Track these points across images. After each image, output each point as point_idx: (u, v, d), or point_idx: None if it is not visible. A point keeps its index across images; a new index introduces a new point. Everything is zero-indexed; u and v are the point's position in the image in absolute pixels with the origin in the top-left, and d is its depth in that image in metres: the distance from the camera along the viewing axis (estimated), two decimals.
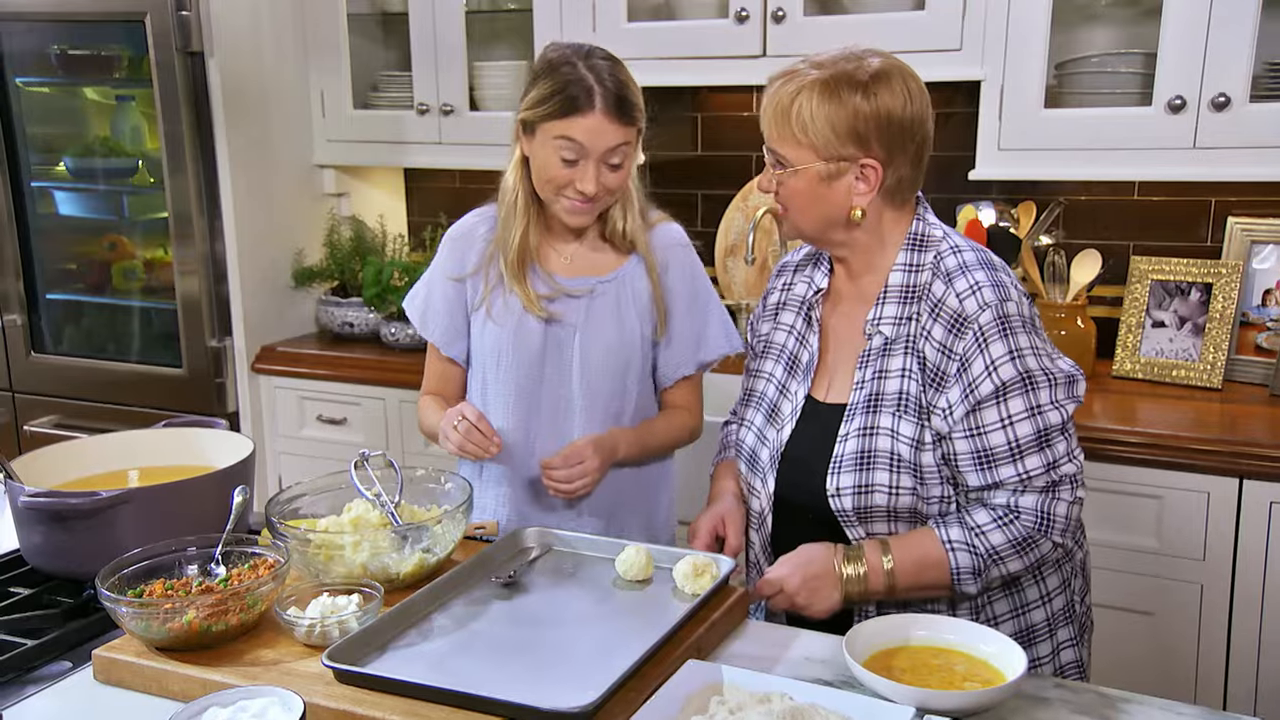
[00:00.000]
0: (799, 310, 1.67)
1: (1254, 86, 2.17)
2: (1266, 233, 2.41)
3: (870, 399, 1.53)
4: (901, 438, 1.50)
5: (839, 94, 1.45)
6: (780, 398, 1.64)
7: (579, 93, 1.69)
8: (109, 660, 1.34)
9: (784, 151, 1.50)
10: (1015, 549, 1.48)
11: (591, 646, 1.33)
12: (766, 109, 1.51)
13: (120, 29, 2.91)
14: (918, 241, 1.55)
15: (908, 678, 1.25)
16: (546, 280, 1.82)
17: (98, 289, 3.23)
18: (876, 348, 1.54)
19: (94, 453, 1.77)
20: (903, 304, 1.53)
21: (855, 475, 1.51)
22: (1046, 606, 1.57)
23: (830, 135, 1.46)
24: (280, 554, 1.44)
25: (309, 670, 1.29)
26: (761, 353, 1.71)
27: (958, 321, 1.48)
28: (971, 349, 1.46)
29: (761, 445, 1.63)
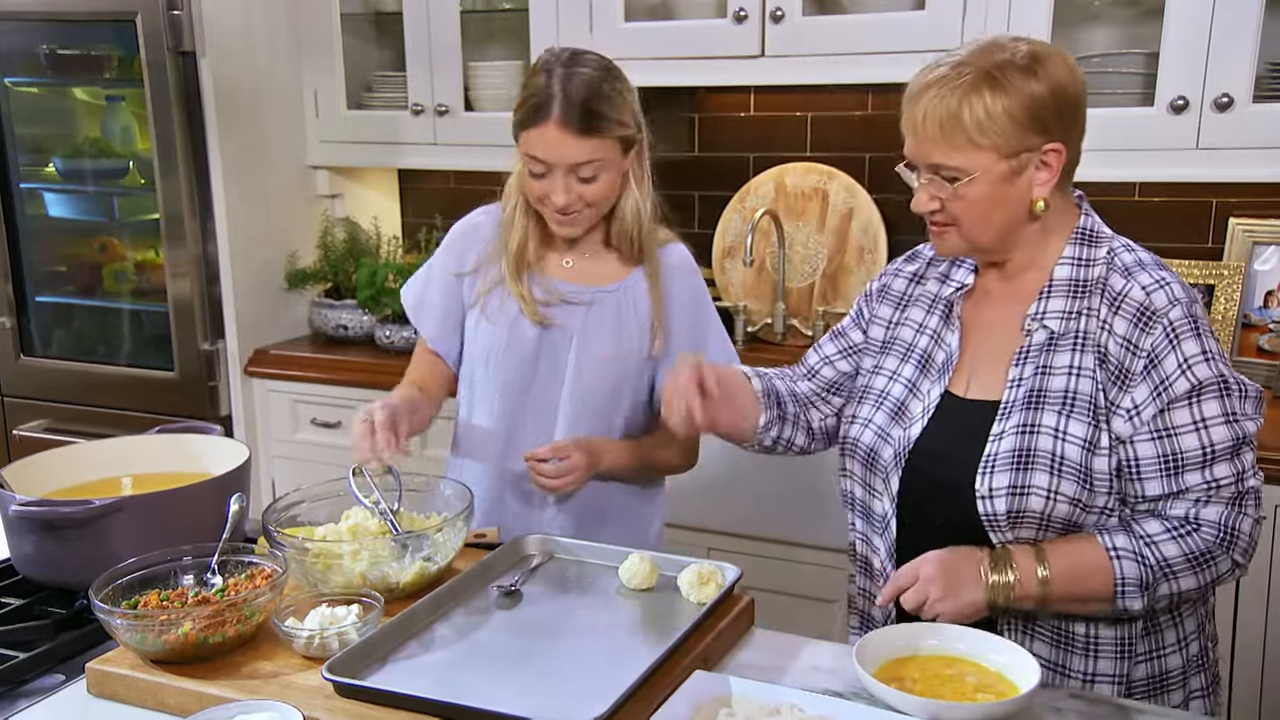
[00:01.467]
0: (931, 308, 1.56)
1: (1257, 87, 2.16)
2: (1268, 234, 2.40)
3: (1031, 396, 1.41)
4: (1071, 438, 1.38)
5: (1010, 82, 1.34)
6: (909, 397, 1.52)
7: (538, 104, 1.64)
8: (103, 673, 1.31)
9: (956, 162, 1.36)
10: (1191, 564, 1.35)
11: (597, 657, 1.31)
12: (924, 122, 1.36)
13: (110, 29, 2.87)
14: (1087, 236, 1.45)
15: (919, 689, 1.22)
16: (545, 286, 1.78)
17: (88, 291, 3.20)
18: (1039, 343, 1.43)
19: (86, 459, 1.74)
20: (1071, 298, 1.42)
21: (1011, 475, 1.38)
22: (1183, 652, 1.45)
23: (1011, 128, 1.34)
24: (278, 563, 1.42)
25: (308, 683, 1.26)
26: (884, 348, 1.59)
27: (1144, 315, 1.37)
28: (1162, 344, 1.36)
29: (884, 443, 1.51)
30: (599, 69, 1.68)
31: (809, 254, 2.83)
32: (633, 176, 1.74)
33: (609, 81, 1.67)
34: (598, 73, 1.67)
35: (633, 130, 1.70)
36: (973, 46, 1.39)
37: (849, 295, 2.79)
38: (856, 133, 2.81)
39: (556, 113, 1.62)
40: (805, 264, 2.83)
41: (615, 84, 1.68)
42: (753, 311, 2.88)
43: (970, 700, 1.20)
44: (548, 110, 1.63)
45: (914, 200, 1.43)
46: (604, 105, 1.64)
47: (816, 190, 2.81)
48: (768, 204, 2.81)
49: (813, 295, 2.83)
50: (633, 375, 1.79)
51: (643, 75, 2.68)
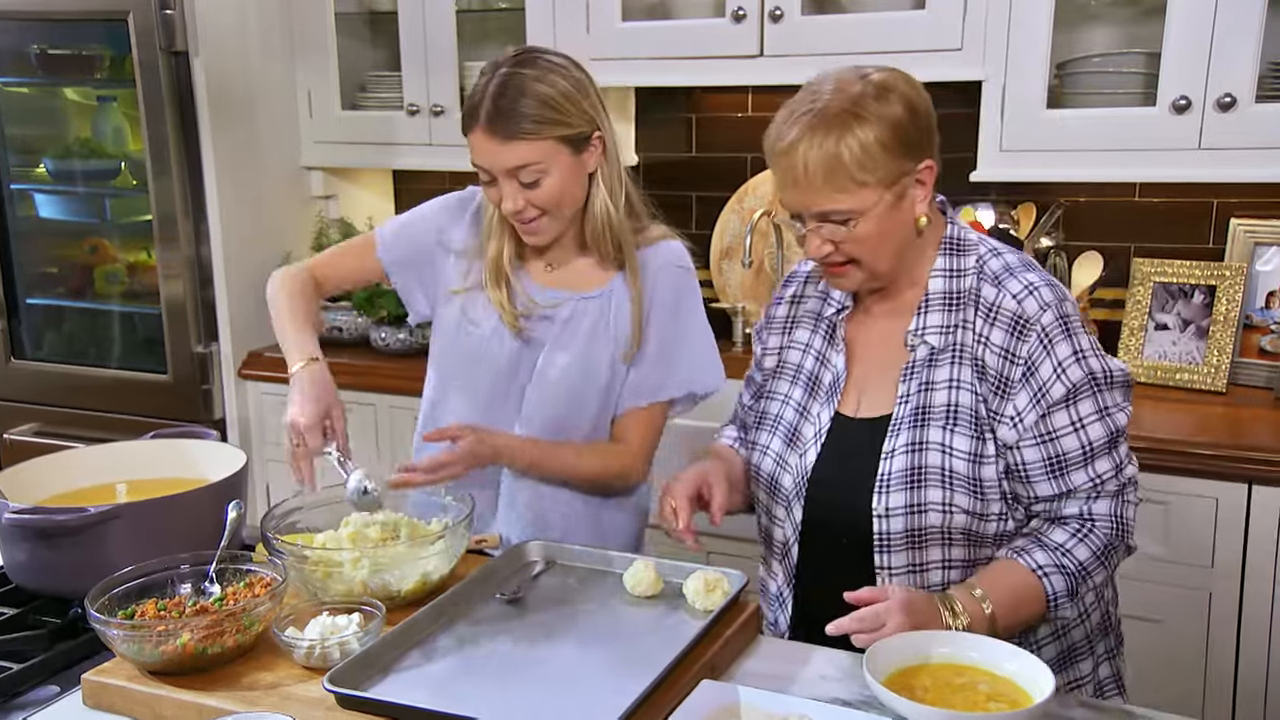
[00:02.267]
0: (815, 328, 1.58)
1: (1260, 86, 2.15)
2: (1270, 234, 2.39)
3: (916, 413, 1.44)
4: (956, 452, 1.42)
5: (871, 113, 1.36)
6: (801, 420, 1.54)
7: (470, 108, 1.60)
8: (99, 685, 1.29)
9: (846, 205, 1.37)
10: (1099, 560, 1.41)
11: (602, 667, 1.29)
12: (806, 173, 1.36)
13: (102, 28, 2.84)
14: (955, 245, 1.48)
15: (930, 698, 1.21)
16: (526, 296, 1.73)
17: (79, 293, 3.17)
18: (921, 359, 1.46)
19: (80, 465, 1.72)
20: (947, 311, 1.46)
21: (905, 494, 1.42)
22: (1085, 623, 1.50)
23: (886, 158, 1.36)
24: (277, 571, 1.39)
25: (309, 694, 1.24)
26: (775, 373, 1.62)
27: (1018, 323, 1.41)
28: (1037, 351, 1.40)
29: (783, 471, 1.53)
30: (545, 67, 1.60)
31: None
32: (600, 176, 1.67)
33: (550, 81, 1.59)
34: (540, 72, 1.59)
35: (582, 129, 1.62)
36: (819, 91, 1.40)
37: None
38: None
39: (482, 118, 1.58)
40: None
41: (559, 83, 1.59)
42: (751, 313, 2.87)
43: (983, 710, 1.19)
44: (477, 115, 1.59)
45: (806, 249, 1.43)
46: (534, 107, 1.57)
47: None
48: (766, 204, 2.79)
49: None
50: (601, 384, 1.72)
51: (640, 75, 2.70)
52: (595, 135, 1.65)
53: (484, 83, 1.60)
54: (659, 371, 1.73)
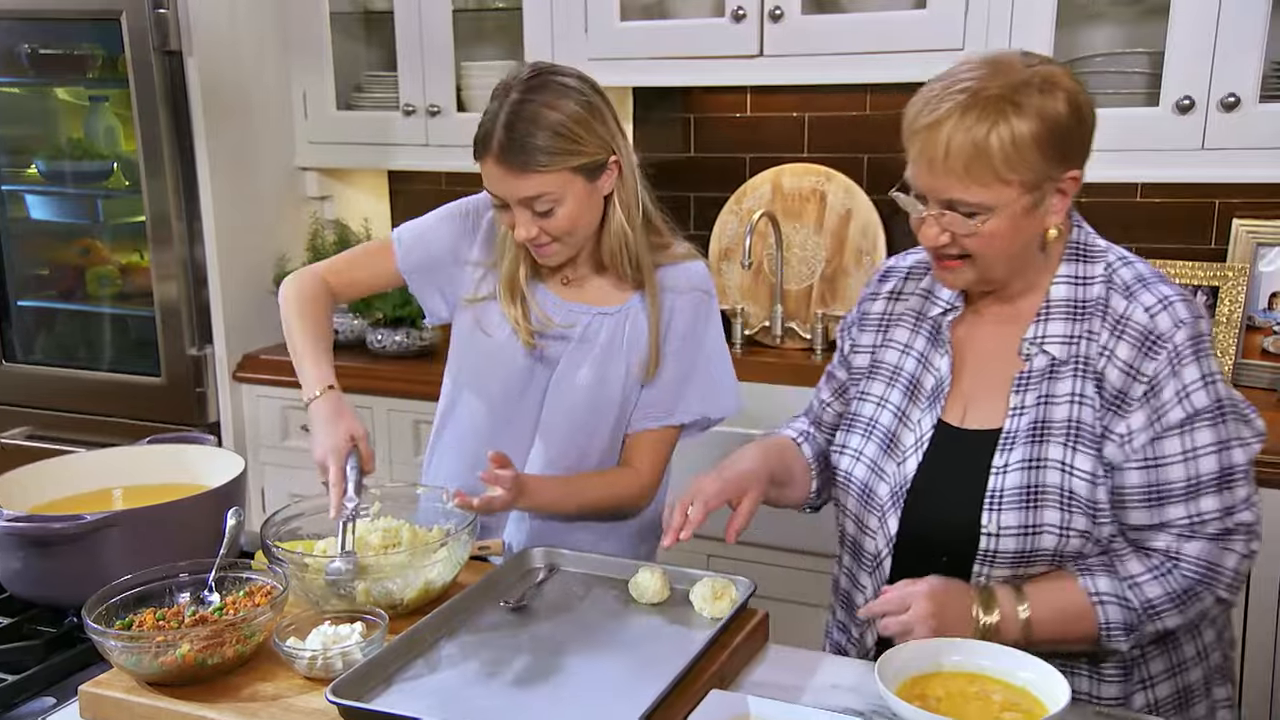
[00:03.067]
0: (916, 328, 1.48)
1: (1264, 86, 2.14)
2: (1273, 235, 2.38)
3: (1034, 427, 1.34)
4: (1079, 472, 1.32)
5: (1032, 105, 1.25)
6: (899, 426, 1.45)
7: (482, 135, 1.56)
8: (96, 696, 1.26)
9: (979, 198, 1.27)
10: (1174, 603, 1.31)
11: (610, 676, 1.27)
12: (946, 157, 1.26)
13: (94, 28, 2.81)
14: (1082, 251, 1.38)
15: (944, 707, 1.19)
16: (539, 314, 1.69)
17: (71, 295, 3.14)
18: (1039, 369, 1.36)
19: (75, 471, 1.69)
20: (1070, 321, 1.35)
21: (1020, 514, 1.32)
22: (1204, 664, 1.41)
23: (1038, 158, 1.26)
24: (278, 580, 1.37)
25: (311, 706, 1.22)
26: (867, 373, 1.52)
27: (1148, 340, 1.31)
28: (1164, 370, 1.30)
29: (878, 479, 1.44)
30: (559, 92, 1.55)
31: (807, 256, 2.80)
32: (617, 198, 1.62)
33: (564, 109, 1.53)
34: (554, 99, 1.53)
35: (598, 156, 1.57)
36: (977, 68, 1.30)
37: (847, 297, 2.76)
38: (854, 133, 2.78)
39: (494, 148, 1.53)
40: (803, 266, 2.80)
41: (573, 110, 1.54)
42: (750, 314, 2.85)
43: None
44: (488, 144, 1.54)
45: (921, 232, 1.34)
46: (547, 139, 1.52)
47: (814, 191, 2.78)
48: (764, 205, 2.78)
49: (811, 298, 2.80)
50: (617, 402, 1.68)
51: (638, 75, 2.68)
52: (611, 160, 1.60)
53: (495, 109, 1.55)
54: (673, 394, 1.69)
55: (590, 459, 1.71)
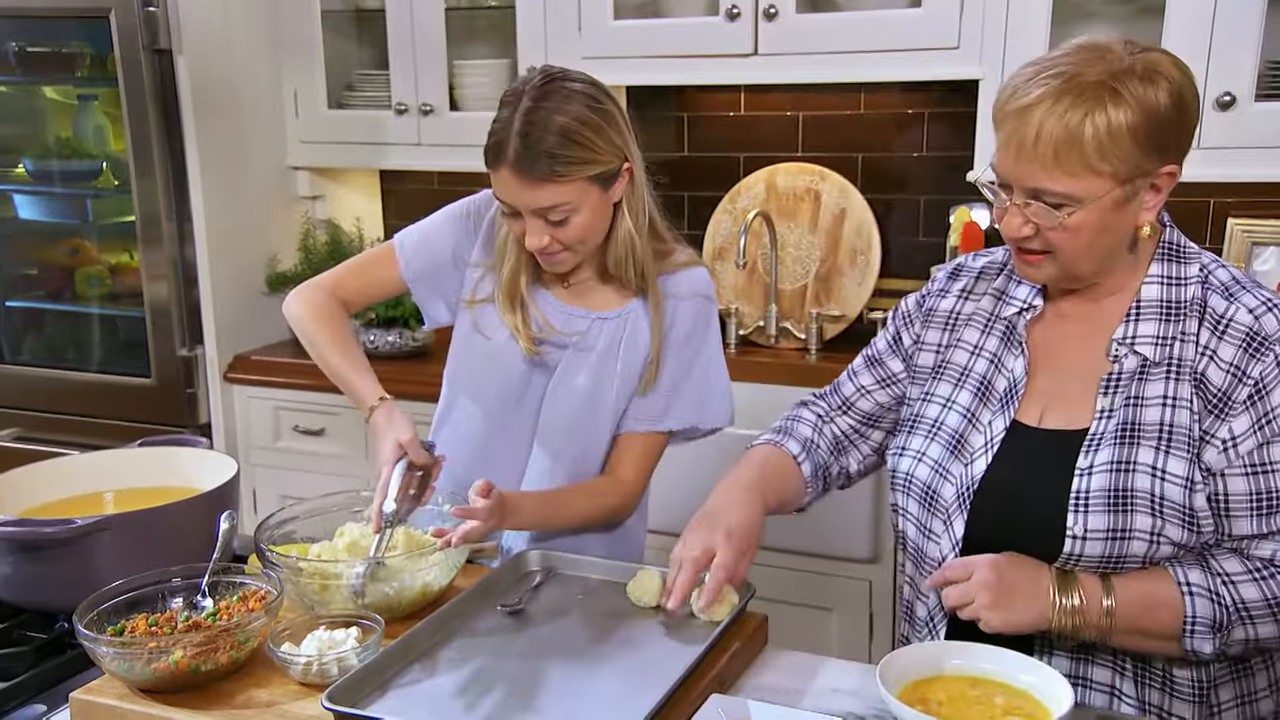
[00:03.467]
0: (988, 329, 1.42)
1: (1259, 85, 2.14)
2: (1268, 234, 2.38)
3: (1123, 429, 1.28)
4: (1172, 477, 1.26)
5: (1133, 94, 1.18)
6: (968, 428, 1.38)
7: (496, 144, 1.51)
8: (88, 704, 1.24)
9: (1066, 188, 1.21)
10: (1272, 609, 1.23)
11: (609, 681, 1.25)
12: (1036, 143, 1.20)
13: (82, 26, 2.79)
14: (1175, 252, 1.33)
15: (945, 711, 1.18)
16: (540, 319, 1.67)
17: (60, 296, 3.11)
18: (1129, 370, 1.30)
19: (66, 474, 1.67)
20: (1163, 322, 1.30)
21: (1109, 517, 1.26)
22: (1275, 696, 1.34)
23: (1134, 150, 1.19)
24: (272, 584, 1.35)
25: (307, 712, 1.20)
26: (934, 373, 1.46)
27: (1254, 341, 1.25)
28: (1272, 373, 1.24)
29: (943, 481, 1.37)
30: (573, 100, 1.51)
31: (801, 255, 2.79)
32: (626, 205, 1.59)
33: (580, 116, 1.50)
34: (569, 106, 1.50)
35: (612, 164, 1.54)
36: (1072, 53, 1.23)
37: (842, 297, 2.75)
38: (849, 132, 2.77)
39: (510, 158, 1.49)
40: (797, 265, 2.79)
41: (589, 118, 1.51)
42: (744, 314, 2.83)
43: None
44: (504, 154, 1.50)
45: (1003, 222, 1.27)
46: (566, 148, 1.49)
47: (808, 191, 2.77)
48: (758, 204, 2.76)
49: (805, 297, 2.79)
50: (611, 406, 1.66)
51: (632, 74, 2.67)
52: (624, 167, 1.57)
53: (507, 117, 1.51)
54: (664, 401, 1.66)
55: (590, 460, 1.69)
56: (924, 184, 2.72)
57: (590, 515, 1.66)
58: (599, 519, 1.68)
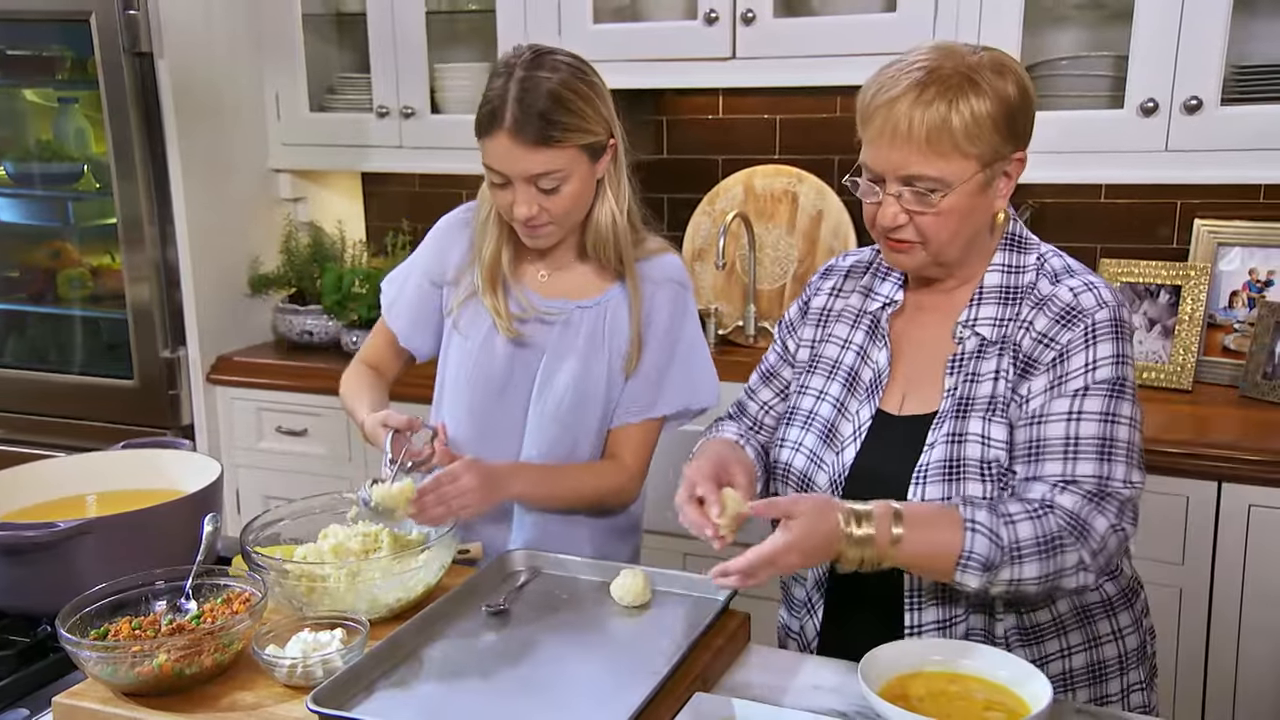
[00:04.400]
0: (855, 323, 1.49)
1: (1225, 89, 2.15)
2: (1233, 235, 2.39)
3: (959, 405, 1.36)
4: (994, 443, 1.33)
5: (989, 85, 1.28)
6: (838, 417, 1.45)
7: (491, 111, 1.53)
8: (71, 708, 1.22)
9: (938, 172, 1.28)
10: (1039, 547, 1.26)
11: (593, 681, 1.24)
12: (910, 129, 1.27)
13: (63, 29, 2.74)
14: (1017, 242, 1.41)
15: (926, 707, 1.18)
16: (521, 300, 1.67)
17: (41, 298, 3.06)
18: (969, 351, 1.38)
19: (48, 477, 1.64)
20: (1001, 305, 1.38)
21: (943, 486, 1.33)
22: (1119, 643, 1.42)
23: (993, 135, 1.28)
24: (256, 586, 1.33)
25: (292, 714, 1.19)
26: (808, 367, 1.52)
27: (1069, 313, 1.33)
28: (1078, 342, 1.32)
29: (817, 469, 1.43)
30: (563, 70, 1.55)
31: (779, 256, 2.79)
32: (608, 183, 1.62)
33: (572, 85, 1.54)
34: (560, 75, 1.53)
35: (601, 136, 1.57)
36: (927, 52, 1.31)
37: None
38: (825, 135, 2.77)
39: (508, 122, 1.50)
40: (775, 266, 2.79)
41: (579, 87, 1.55)
42: (724, 314, 2.83)
43: (979, 719, 1.16)
44: (500, 119, 1.51)
45: (878, 214, 1.34)
46: (561, 114, 1.51)
47: (786, 192, 2.77)
48: (737, 206, 2.76)
49: (784, 297, 2.79)
50: (602, 395, 1.66)
51: (612, 77, 2.60)
52: (610, 142, 1.60)
53: (501, 86, 1.53)
54: (653, 388, 1.67)
55: (581, 456, 1.68)
56: None
57: (591, 492, 1.67)
58: (599, 500, 1.68)
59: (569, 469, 1.67)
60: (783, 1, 2.47)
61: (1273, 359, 2.26)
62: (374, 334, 1.84)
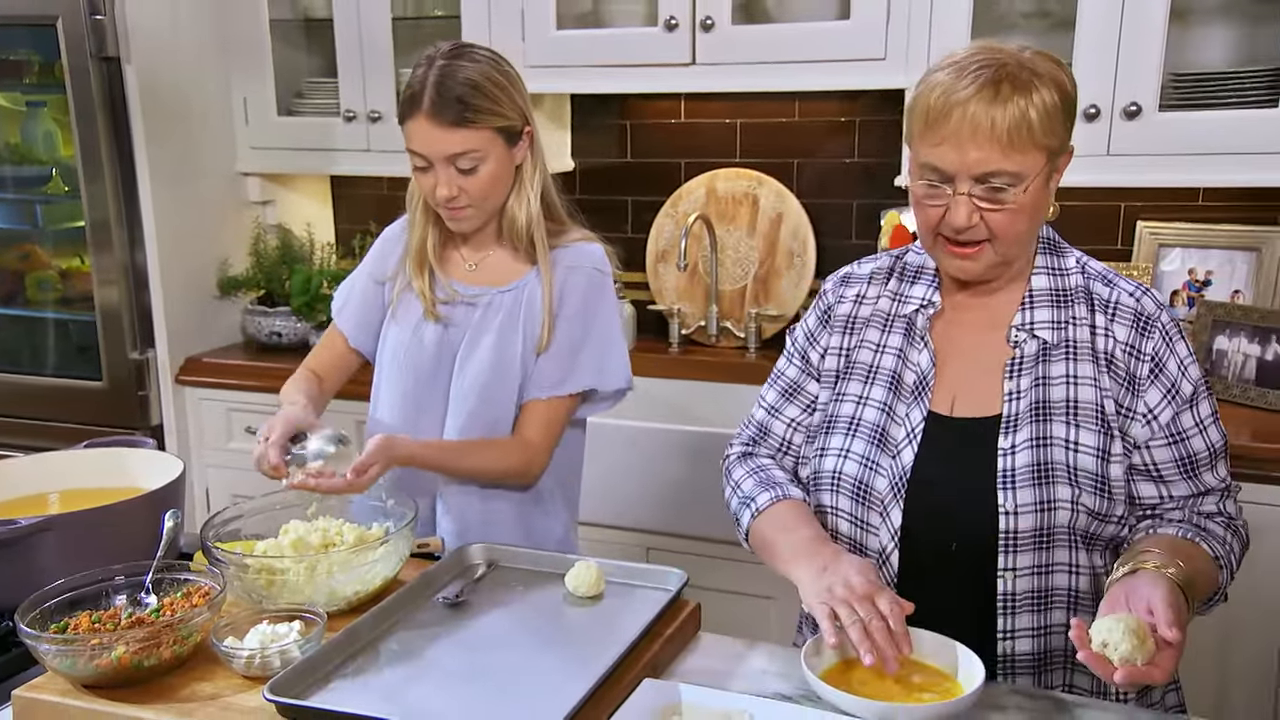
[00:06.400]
0: (888, 327, 1.46)
1: (1163, 96, 2.19)
2: (1173, 236, 2.44)
3: (1034, 408, 1.34)
4: (1084, 448, 1.33)
5: (1047, 77, 1.28)
6: (886, 421, 1.41)
7: (411, 95, 1.63)
8: (30, 700, 1.22)
9: (1016, 166, 1.26)
10: (1240, 559, 1.35)
11: (546, 669, 1.26)
12: (993, 126, 1.25)
13: (29, 33, 2.72)
14: (1054, 245, 1.42)
15: (867, 690, 1.20)
16: (446, 286, 1.76)
17: (10, 300, 3.04)
18: (1030, 354, 1.37)
19: (10, 476, 1.64)
20: (1055, 308, 1.38)
21: (1034, 491, 1.31)
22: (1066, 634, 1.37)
23: (1063, 124, 1.29)
24: (216, 580, 1.34)
25: (249, 704, 1.19)
26: (841, 375, 1.48)
27: (1140, 320, 1.36)
28: (1162, 348, 1.35)
29: (873, 474, 1.39)
30: (480, 61, 1.64)
31: (740, 257, 2.81)
32: (524, 171, 1.70)
33: (487, 73, 1.63)
34: (477, 64, 1.63)
35: (515, 122, 1.66)
36: (981, 52, 1.30)
37: (780, 297, 2.77)
38: (785, 139, 2.80)
39: (426, 105, 1.60)
40: (737, 267, 2.82)
41: (494, 76, 1.64)
42: (686, 315, 2.85)
43: (916, 700, 1.18)
44: (419, 103, 1.61)
45: (948, 216, 1.30)
46: (475, 97, 1.61)
47: (747, 195, 2.80)
48: (699, 209, 2.78)
49: (745, 298, 2.81)
50: (518, 372, 1.72)
51: (575, 82, 2.67)
52: (525, 130, 1.69)
53: (422, 74, 1.62)
54: (562, 366, 1.72)
55: (500, 431, 1.73)
56: (855, 188, 2.75)
57: (492, 468, 1.71)
58: (502, 474, 1.72)
59: (472, 446, 1.71)
60: (741, 9, 2.49)
61: (1210, 355, 2.31)
62: (321, 342, 1.91)
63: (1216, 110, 2.17)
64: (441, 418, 1.75)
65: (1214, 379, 2.29)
